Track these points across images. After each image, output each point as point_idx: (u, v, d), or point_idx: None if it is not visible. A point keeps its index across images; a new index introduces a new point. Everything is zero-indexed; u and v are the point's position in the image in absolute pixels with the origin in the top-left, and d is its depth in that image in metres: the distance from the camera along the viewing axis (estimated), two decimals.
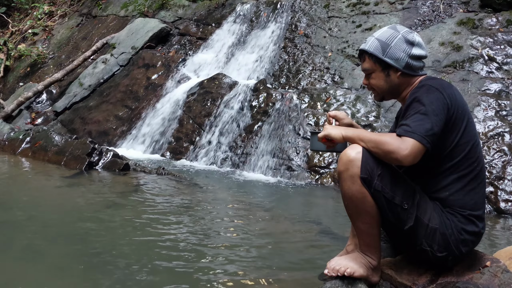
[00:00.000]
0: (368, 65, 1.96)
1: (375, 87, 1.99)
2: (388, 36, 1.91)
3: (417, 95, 1.78)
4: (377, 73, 1.95)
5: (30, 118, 7.45)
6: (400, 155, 1.66)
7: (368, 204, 1.74)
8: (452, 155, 1.80)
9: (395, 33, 1.91)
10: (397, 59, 1.89)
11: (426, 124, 1.69)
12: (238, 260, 2.41)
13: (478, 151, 1.85)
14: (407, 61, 1.89)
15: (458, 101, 1.80)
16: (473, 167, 1.82)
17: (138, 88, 6.98)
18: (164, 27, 7.89)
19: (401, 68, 1.90)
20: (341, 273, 1.78)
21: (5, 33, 10.12)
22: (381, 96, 2.02)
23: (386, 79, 1.94)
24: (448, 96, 1.76)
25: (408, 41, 1.90)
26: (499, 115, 4.60)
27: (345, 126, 2.05)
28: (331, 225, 3.31)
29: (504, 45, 5.16)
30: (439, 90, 1.76)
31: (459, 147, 1.79)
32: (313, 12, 6.89)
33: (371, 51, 1.93)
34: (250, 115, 5.73)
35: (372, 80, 1.98)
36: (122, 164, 4.57)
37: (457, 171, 1.80)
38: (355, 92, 5.49)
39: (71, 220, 2.99)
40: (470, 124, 1.84)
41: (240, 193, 4.31)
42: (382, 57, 1.90)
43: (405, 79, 1.93)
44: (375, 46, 1.92)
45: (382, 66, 1.93)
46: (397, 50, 1.89)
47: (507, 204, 4.00)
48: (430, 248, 1.78)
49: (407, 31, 1.92)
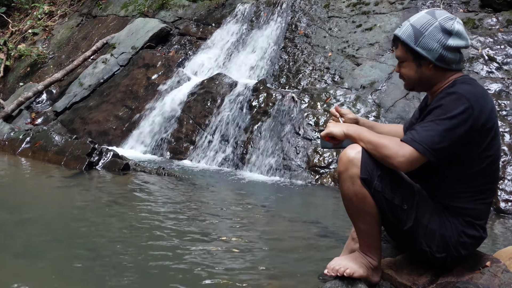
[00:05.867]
0: (400, 53, 1.84)
1: (406, 76, 1.87)
2: (423, 23, 1.77)
3: (444, 102, 1.68)
4: (409, 62, 1.82)
5: (30, 118, 7.44)
6: (396, 161, 1.65)
7: (368, 205, 1.74)
8: (468, 166, 1.74)
9: (432, 20, 1.77)
10: (430, 49, 1.75)
11: (435, 137, 1.63)
12: (238, 260, 2.41)
13: (496, 166, 1.79)
14: (440, 52, 1.75)
15: (488, 115, 1.70)
16: (487, 180, 1.78)
17: (138, 88, 6.98)
18: (164, 27, 7.89)
19: (433, 60, 1.76)
20: (341, 273, 1.78)
21: (5, 33, 10.11)
22: (411, 86, 1.90)
23: (417, 70, 1.81)
24: (479, 109, 1.67)
25: (445, 30, 1.74)
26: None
27: (350, 120, 1.99)
28: (331, 225, 3.31)
29: (504, 45, 5.16)
30: (470, 102, 1.65)
31: (478, 160, 1.74)
32: (313, 12, 6.89)
33: (403, 39, 1.80)
34: (250, 115, 5.73)
35: (403, 69, 1.86)
36: (122, 164, 4.57)
37: (469, 182, 1.76)
38: (355, 92, 5.49)
39: (71, 220, 2.99)
40: (495, 138, 1.76)
41: (240, 193, 4.31)
42: (413, 47, 1.77)
43: (438, 73, 1.80)
44: (408, 33, 1.79)
45: (414, 56, 1.80)
46: (430, 40, 1.74)
47: (507, 204, 4.00)
48: (429, 248, 1.78)
49: (446, 18, 1.77)
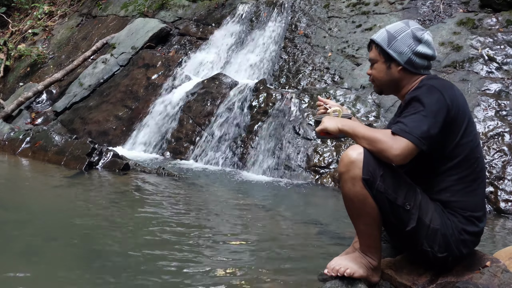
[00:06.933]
0: (373, 54, 1.99)
1: (375, 78, 2.01)
2: (397, 29, 1.93)
3: (417, 94, 1.78)
4: (380, 64, 1.97)
5: (30, 118, 7.44)
6: (391, 154, 1.67)
7: (369, 206, 1.74)
8: (452, 156, 1.79)
9: (405, 27, 1.92)
10: (400, 52, 1.90)
11: (423, 126, 1.68)
12: (237, 260, 2.41)
13: (478, 152, 1.85)
14: (409, 56, 1.89)
15: (459, 102, 1.79)
16: (473, 168, 1.82)
17: (138, 88, 6.98)
18: (164, 27, 7.89)
19: (402, 62, 1.90)
20: (341, 273, 1.79)
21: (5, 33, 10.10)
22: (380, 89, 2.04)
23: (387, 71, 1.95)
24: (449, 97, 1.76)
25: (416, 37, 1.89)
26: (499, 115, 4.60)
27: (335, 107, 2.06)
28: (331, 225, 3.31)
29: (504, 45, 5.16)
30: (440, 91, 1.76)
31: (459, 148, 1.79)
32: (313, 12, 6.89)
33: (377, 41, 1.95)
34: (250, 115, 5.73)
35: (374, 70, 2.00)
36: (122, 164, 4.57)
37: (457, 172, 1.80)
38: (355, 92, 5.49)
39: (71, 220, 2.99)
40: (471, 125, 1.83)
41: (240, 193, 4.31)
42: (386, 49, 1.92)
43: (406, 75, 1.93)
44: (382, 37, 1.94)
45: (385, 58, 1.94)
46: (402, 44, 1.89)
47: (507, 204, 4.00)
48: (431, 249, 1.78)
49: (418, 28, 1.92)
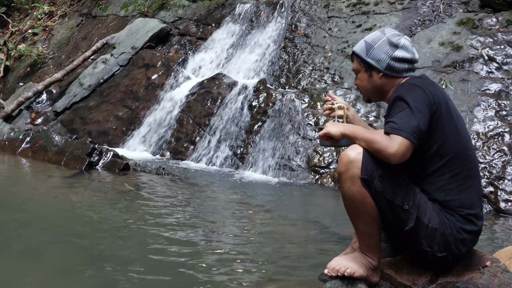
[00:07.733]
0: (355, 65, 2.05)
1: (361, 87, 2.07)
2: (373, 38, 1.99)
3: (399, 93, 1.81)
4: (362, 73, 2.02)
5: (30, 118, 7.45)
6: (387, 153, 1.68)
7: (368, 205, 1.74)
8: (442, 154, 1.80)
9: (381, 35, 1.98)
10: (378, 60, 1.95)
11: (412, 121, 1.70)
12: (237, 259, 2.41)
13: (469, 149, 1.86)
14: (388, 62, 1.94)
15: (441, 99, 1.82)
16: (465, 165, 1.82)
17: (138, 88, 6.98)
18: (164, 27, 7.89)
19: (382, 69, 1.95)
20: (341, 273, 1.78)
21: (5, 33, 10.11)
22: (367, 97, 2.09)
23: (369, 79, 2.00)
24: (431, 94, 1.79)
25: (392, 43, 1.94)
26: (499, 115, 4.60)
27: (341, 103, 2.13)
28: (331, 225, 3.31)
29: (504, 45, 5.16)
30: (421, 88, 1.80)
31: (447, 145, 1.80)
32: (313, 12, 6.89)
33: (357, 52, 2.02)
34: (250, 115, 5.73)
35: (357, 80, 2.07)
36: (122, 164, 4.57)
37: (449, 171, 1.81)
38: (355, 92, 5.49)
39: (71, 220, 2.99)
40: (457, 121, 1.85)
41: (240, 193, 4.31)
42: (365, 58, 1.98)
43: (389, 81, 1.97)
44: (361, 47, 2.01)
45: (366, 67, 2.00)
46: (379, 52, 1.95)
47: (507, 204, 4.00)
48: (430, 248, 1.78)
49: (394, 34, 1.97)
